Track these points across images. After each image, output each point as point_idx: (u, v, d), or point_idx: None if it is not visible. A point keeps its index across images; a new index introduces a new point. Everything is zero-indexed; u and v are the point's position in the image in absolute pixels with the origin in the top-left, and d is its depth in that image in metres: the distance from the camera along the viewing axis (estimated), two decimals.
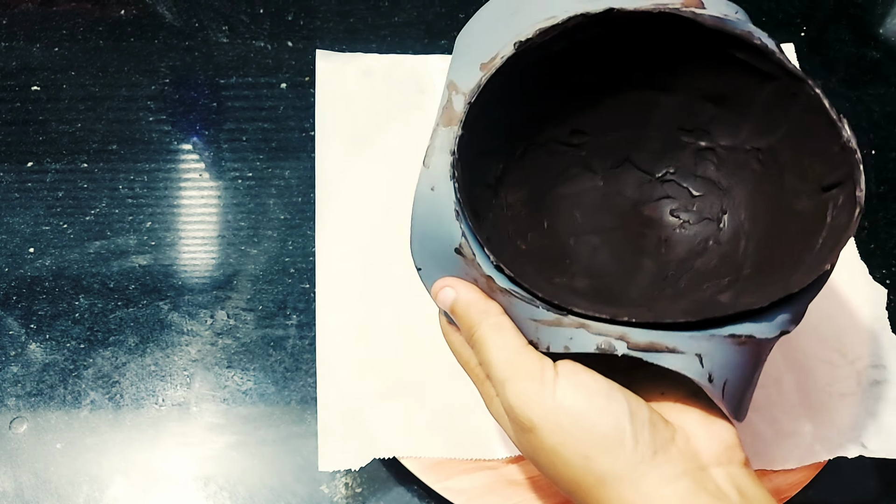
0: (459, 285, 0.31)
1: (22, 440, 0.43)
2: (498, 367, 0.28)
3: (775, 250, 0.35)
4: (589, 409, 0.27)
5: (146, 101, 0.53)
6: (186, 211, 0.50)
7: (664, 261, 0.39)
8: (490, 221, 0.34)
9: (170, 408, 0.44)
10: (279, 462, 0.43)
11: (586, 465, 0.27)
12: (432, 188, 0.32)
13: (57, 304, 0.46)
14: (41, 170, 0.51)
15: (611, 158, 0.40)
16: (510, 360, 0.28)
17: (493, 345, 0.29)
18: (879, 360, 0.44)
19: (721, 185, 0.39)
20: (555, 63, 0.35)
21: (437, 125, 0.33)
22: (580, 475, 0.27)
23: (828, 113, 0.31)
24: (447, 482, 0.40)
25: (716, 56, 0.34)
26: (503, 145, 0.36)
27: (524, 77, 0.34)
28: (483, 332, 0.29)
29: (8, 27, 0.55)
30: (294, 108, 0.53)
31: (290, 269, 0.48)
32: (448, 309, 0.31)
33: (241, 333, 0.46)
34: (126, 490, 0.42)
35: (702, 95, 0.37)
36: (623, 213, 0.40)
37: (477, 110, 0.32)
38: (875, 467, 0.44)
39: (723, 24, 0.33)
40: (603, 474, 0.26)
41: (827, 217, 0.32)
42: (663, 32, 0.34)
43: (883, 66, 0.58)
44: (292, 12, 0.57)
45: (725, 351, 0.29)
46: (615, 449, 0.26)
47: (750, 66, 0.34)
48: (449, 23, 0.57)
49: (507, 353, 0.28)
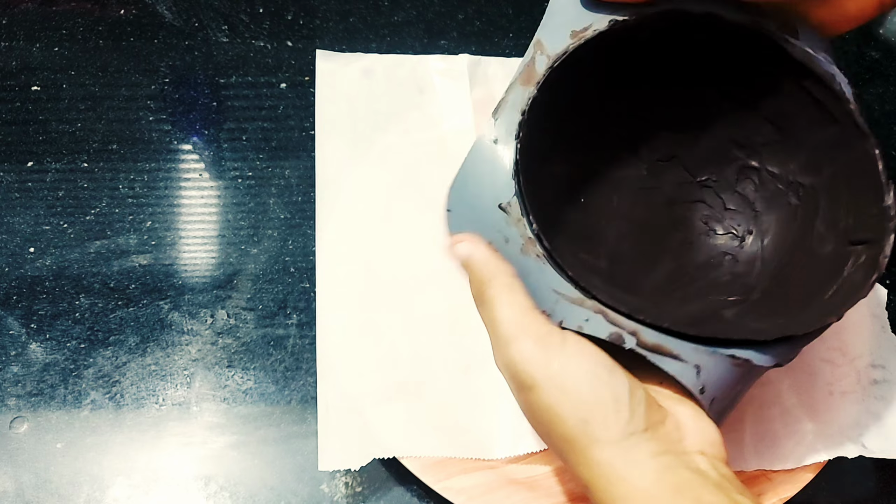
0: (478, 241, 0.31)
1: (22, 440, 0.43)
2: (504, 324, 0.29)
3: (787, 284, 0.36)
4: (592, 377, 0.28)
5: (146, 101, 0.53)
6: (187, 210, 0.50)
7: (682, 262, 0.40)
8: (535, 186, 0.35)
9: (170, 407, 0.44)
10: (279, 461, 0.43)
11: (583, 428, 0.28)
12: (495, 140, 0.33)
13: (57, 303, 0.46)
14: (41, 169, 0.51)
15: (660, 151, 0.41)
16: (518, 320, 0.29)
17: (503, 302, 0.29)
18: (879, 360, 0.44)
19: (755, 206, 0.40)
20: (640, 50, 0.36)
21: (514, 80, 0.33)
22: (576, 435, 0.28)
23: (878, 175, 0.32)
24: (447, 482, 0.40)
25: (793, 86, 0.35)
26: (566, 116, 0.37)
27: (608, 55, 0.35)
28: (495, 289, 0.30)
29: (8, 27, 0.55)
30: (294, 107, 0.53)
31: (291, 268, 0.48)
32: (462, 261, 0.31)
33: (241, 333, 0.46)
34: (127, 490, 0.42)
35: (765, 117, 0.38)
36: (656, 207, 0.41)
37: (557, 75, 0.33)
38: (875, 467, 0.44)
39: (809, 58, 0.33)
40: (597, 437, 0.28)
41: (844, 270, 0.33)
42: (752, 48, 0.35)
43: (883, 66, 0.58)
44: (292, 12, 0.57)
45: (722, 368, 0.30)
46: (612, 417, 0.28)
47: (822, 106, 0.35)
48: (449, 22, 0.57)
49: (515, 313, 0.29)
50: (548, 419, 0.29)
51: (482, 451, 0.41)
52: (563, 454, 0.30)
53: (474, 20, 0.58)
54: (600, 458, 0.28)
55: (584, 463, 0.28)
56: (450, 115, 0.50)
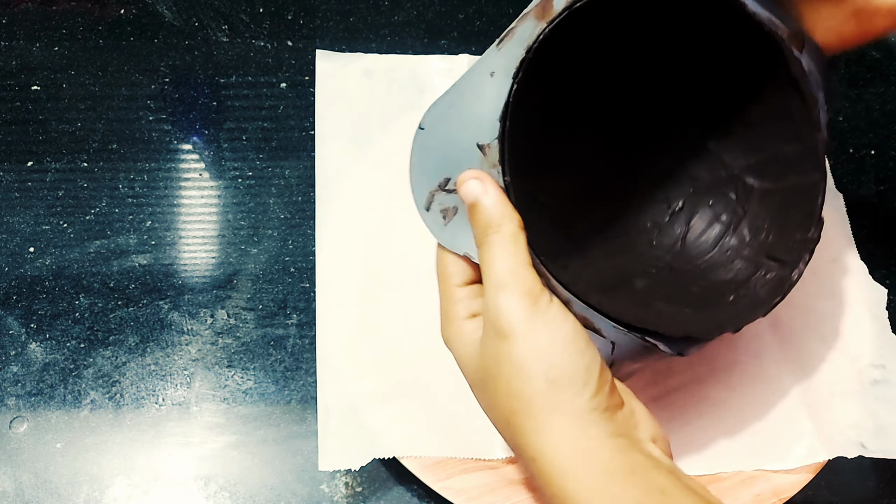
0: (490, 183, 0.30)
1: (22, 440, 0.43)
2: (500, 270, 0.29)
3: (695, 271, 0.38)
4: (570, 343, 0.28)
5: (146, 101, 0.53)
6: (186, 210, 0.50)
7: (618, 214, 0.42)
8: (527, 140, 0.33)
9: (170, 407, 0.44)
10: (279, 461, 0.43)
11: (548, 390, 0.28)
12: (492, 73, 0.30)
13: (57, 303, 0.46)
14: (41, 169, 0.51)
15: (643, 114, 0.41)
16: (515, 270, 0.29)
17: (506, 249, 0.29)
18: (880, 360, 0.44)
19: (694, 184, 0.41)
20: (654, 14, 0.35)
21: (528, 10, 0.31)
22: (538, 396, 0.28)
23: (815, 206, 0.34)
24: (447, 482, 0.40)
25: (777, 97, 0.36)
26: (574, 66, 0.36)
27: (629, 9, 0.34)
28: (501, 234, 0.29)
29: (8, 26, 0.55)
30: (294, 107, 0.53)
31: (291, 268, 0.48)
32: (471, 200, 0.30)
33: (241, 333, 0.46)
34: (126, 490, 0.42)
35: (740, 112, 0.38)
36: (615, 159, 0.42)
37: (574, 18, 0.30)
38: (875, 467, 0.44)
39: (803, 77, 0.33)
40: (560, 404, 0.28)
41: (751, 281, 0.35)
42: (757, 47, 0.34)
43: (883, 66, 0.58)
44: (292, 11, 0.57)
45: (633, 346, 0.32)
46: (579, 386, 0.28)
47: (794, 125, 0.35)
48: (449, 22, 0.57)
49: (513, 263, 0.29)
50: (513, 373, 0.28)
51: (482, 452, 0.41)
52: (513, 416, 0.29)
53: (475, 20, 0.58)
54: (558, 426, 0.27)
55: (537, 429, 0.28)
56: None
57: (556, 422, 0.27)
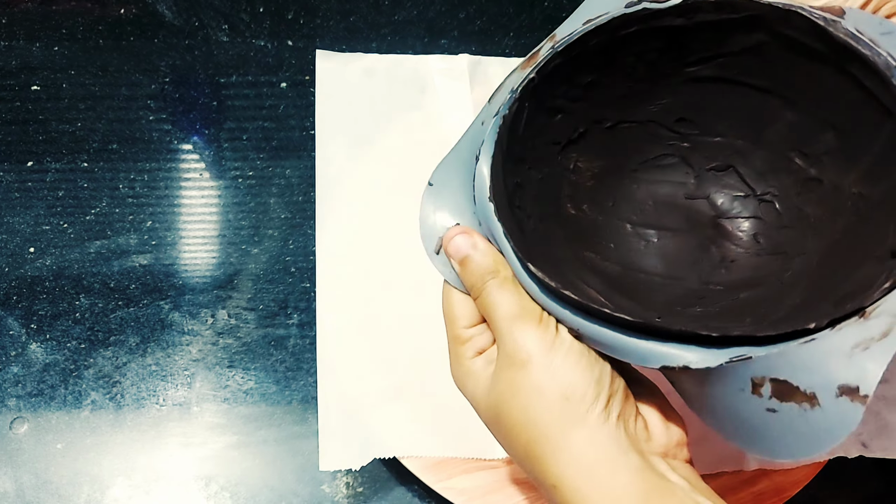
0: (477, 236, 0.31)
1: (22, 440, 0.43)
2: (510, 305, 0.30)
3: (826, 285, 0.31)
4: (579, 358, 0.29)
5: (146, 101, 0.53)
6: (187, 210, 0.50)
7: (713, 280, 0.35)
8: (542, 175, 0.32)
9: (171, 408, 0.44)
10: (280, 462, 0.43)
11: (562, 407, 0.28)
12: (482, 122, 0.31)
13: (57, 303, 0.46)
14: (41, 169, 0.50)
15: (715, 161, 0.36)
16: (522, 304, 0.30)
17: (507, 290, 0.30)
18: None
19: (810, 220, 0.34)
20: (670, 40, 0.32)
21: (516, 67, 0.32)
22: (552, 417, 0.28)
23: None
24: (447, 482, 0.40)
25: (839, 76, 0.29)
26: (588, 109, 0.34)
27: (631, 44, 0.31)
28: (500, 279, 0.30)
29: (8, 26, 0.55)
30: (295, 106, 0.53)
31: (291, 268, 0.48)
32: (461, 256, 0.31)
33: (242, 333, 0.46)
34: (127, 490, 0.42)
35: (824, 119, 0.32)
36: (697, 219, 0.37)
37: (560, 61, 0.30)
38: (875, 467, 0.44)
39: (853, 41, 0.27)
40: (575, 418, 0.28)
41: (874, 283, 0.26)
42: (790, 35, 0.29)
43: None
44: (292, 11, 0.57)
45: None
46: (591, 396, 0.28)
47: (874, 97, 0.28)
48: (449, 21, 0.57)
49: (519, 297, 0.30)
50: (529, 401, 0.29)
51: (483, 452, 0.41)
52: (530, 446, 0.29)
53: (475, 19, 0.58)
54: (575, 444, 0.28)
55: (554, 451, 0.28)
56: (450, 115, 0.50)
57: (573, 439, 0.28)
